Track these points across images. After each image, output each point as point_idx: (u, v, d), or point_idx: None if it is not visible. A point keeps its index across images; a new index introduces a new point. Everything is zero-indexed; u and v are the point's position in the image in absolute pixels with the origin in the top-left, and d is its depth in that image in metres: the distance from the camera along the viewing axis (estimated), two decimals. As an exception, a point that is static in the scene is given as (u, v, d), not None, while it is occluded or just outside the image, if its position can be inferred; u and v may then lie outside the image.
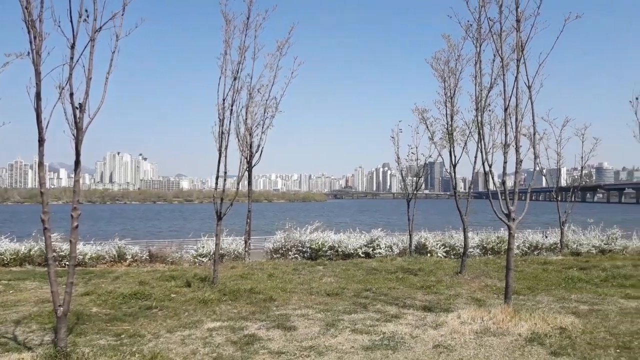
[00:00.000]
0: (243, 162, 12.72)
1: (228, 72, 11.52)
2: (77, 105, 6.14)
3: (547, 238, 21.10)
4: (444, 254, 18.60)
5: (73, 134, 6.26)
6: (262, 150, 16.18)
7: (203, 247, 17.27)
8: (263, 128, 15.87)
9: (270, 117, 15.90)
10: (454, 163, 14.09)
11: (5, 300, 10.28)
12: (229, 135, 11.83)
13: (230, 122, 11.84)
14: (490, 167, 9.67)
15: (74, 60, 6.10)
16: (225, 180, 11.71)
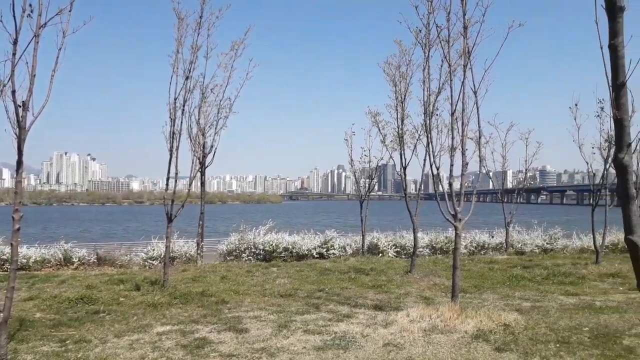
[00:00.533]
0: (195, 162, 12.48)
1: (180, 70, 11.29)
2: (19, 104, 5.92)
3: (493, 238, 21.94)
4: (395, 254, 18.99)
5: (15, 133, 6.02)
6: (215, 151, 15.99)
7: (153, 249, 16.88)
8: (216, 129, 15.67)
9: (224, 117, 15.70)
10: (405, 165, 14.46)
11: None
12: (181, 136, 11.60)
13: (182, 122, 11.60)
14: (438, 169, 9.95)
15: (17, 57, 5.87)
16: (177, 182, 11.48)
